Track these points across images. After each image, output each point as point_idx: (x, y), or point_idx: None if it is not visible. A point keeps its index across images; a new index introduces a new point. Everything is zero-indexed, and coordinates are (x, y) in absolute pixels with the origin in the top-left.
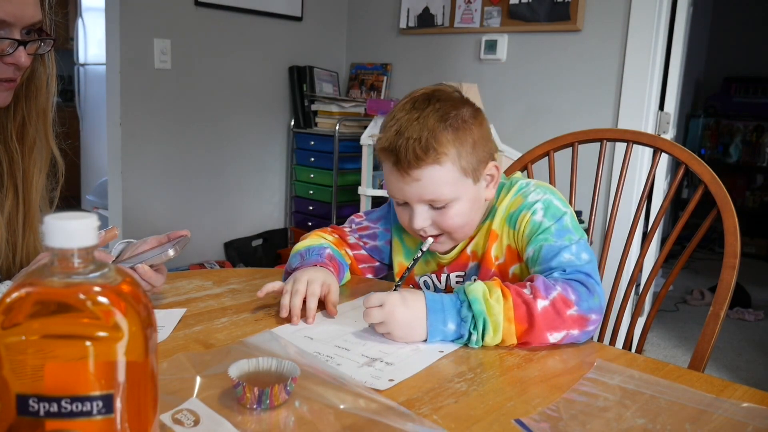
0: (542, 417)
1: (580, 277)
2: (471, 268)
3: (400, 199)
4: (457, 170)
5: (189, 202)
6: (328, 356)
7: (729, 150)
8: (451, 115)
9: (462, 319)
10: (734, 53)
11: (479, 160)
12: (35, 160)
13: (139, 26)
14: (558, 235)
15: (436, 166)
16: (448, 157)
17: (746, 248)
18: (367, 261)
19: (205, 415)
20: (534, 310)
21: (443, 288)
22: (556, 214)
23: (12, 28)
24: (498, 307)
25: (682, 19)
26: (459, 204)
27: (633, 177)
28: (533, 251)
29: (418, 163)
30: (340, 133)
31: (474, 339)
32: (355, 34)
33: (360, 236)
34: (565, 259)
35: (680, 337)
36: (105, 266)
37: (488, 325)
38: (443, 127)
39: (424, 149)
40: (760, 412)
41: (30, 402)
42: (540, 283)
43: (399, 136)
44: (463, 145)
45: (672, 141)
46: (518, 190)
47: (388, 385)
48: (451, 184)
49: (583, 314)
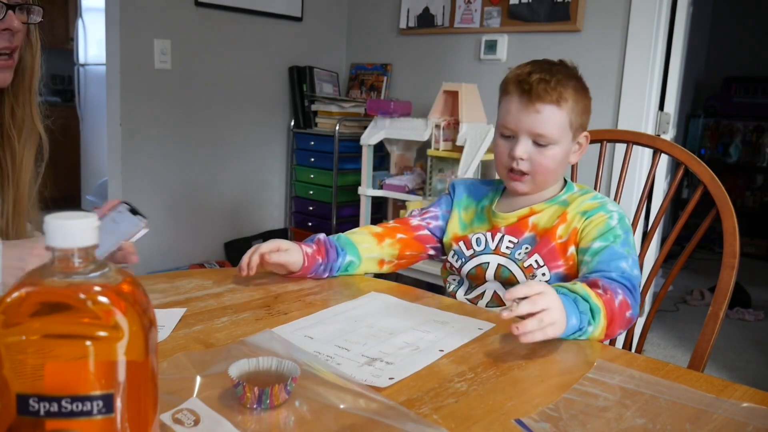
0: (542, 417)
1: (630, 286)
2: (527, 238)
3: (512, 130)
4: (567, 120)
5: (189, 202)
6: (328, 356)
7: (729, 150)
8: (575, 77)
9: (581, 312)
10: (734, 53)
11: (581, 124)
12: (24, 141)
13: (139, 26)
14: (624, 244)
15: (555, 107)
16: (567, 104)
17: (746, 248)
18: (428, 241)
19: (206, 414)
20: (613, 307)
21: (493, 248)
22: (626, 229)
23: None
24: (600, 302)
25: (682, 19)
26: (557, 148)
27: (633, 177)
28: (600, 246)
29: (543, 97)
30: (340, 133)
31: (590, 330)
32: (355, 34)
33: (423, 218)
34: (623, 266)
35: (680, 337)
36: (105, 266)
37: (601, 317)
38: (569, 82)
39: (553, 88)
40: (760, 412)
41: (30, 402)
42: (608, 284)
43: (532, 74)
44: (577, 104)
45: (672, 141)
46: (595, 197)
47: (388, 383)
48: (560, 128)
49: (632, 318)
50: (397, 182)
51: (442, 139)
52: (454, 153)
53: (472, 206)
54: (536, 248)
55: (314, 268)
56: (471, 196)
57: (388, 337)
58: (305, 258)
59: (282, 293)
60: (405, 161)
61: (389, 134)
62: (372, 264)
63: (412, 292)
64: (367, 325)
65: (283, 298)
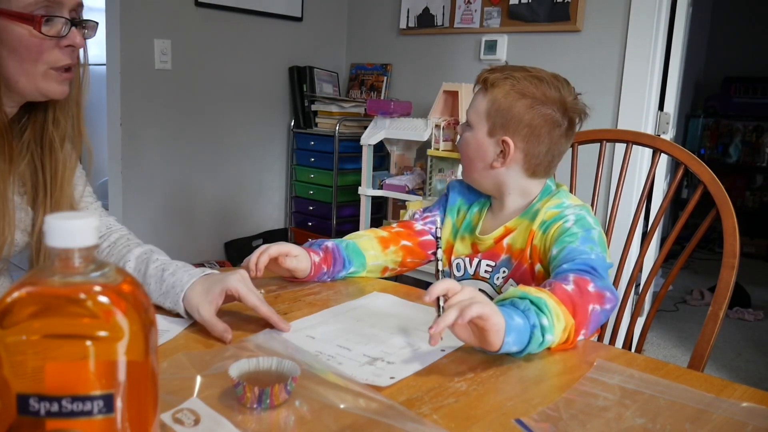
0: (542, 417)
1: (585, 267)
2: (503, 261)
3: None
4: (485, 108)
5: (189, 202)
6: (330, 356)
7: (729, 150)
8: (535, 86)
9: (523, 311)
10: (734, 53)
11: (503, 124)
12: (67, 153)
13: (139, 26)
14: (583, 241)
15: (483, 90)
16: (493, 93)
17: (746, 248)
18: (432, 246)
19: (206, 414)
20: (565, 291)
21: (472, 273)
22: (586, 226)
23: (62, 8)
24: (543, 294)
25: (682, 20)
26: (469, 133)
27: (633, 177)
28: (557, 251)
29: (480, 80)
30: (340, 133)
31: (546, 324)
32: (355, 34)
33: (425, 223)
34: (581, 259)
35: (680, 337)
36: (105, 266)
37: (550, 308)
38: (517, 83)
39: (494, 76)
40: (760, 412)
41: (30, 401)
42: (554, 278)
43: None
44: (506, 100)
45: (671, 141)
46: (557, 205)
47: (389, 382)
48: (477, 113)
49: (599, 291)
50: (397, 182)
51: (442, 139)
52: (454, 153)
53: (463, 210)
54: (511, 272)
55: (318, 276)
56: (464, 200)
57: (389, 337)
58: (312, 266)
59: (283, 293)
60: (405, 161)
61: (389, 134)
62: (375, 271)
63: (413, 292)
64: (369, 324)
65: (283, 298)
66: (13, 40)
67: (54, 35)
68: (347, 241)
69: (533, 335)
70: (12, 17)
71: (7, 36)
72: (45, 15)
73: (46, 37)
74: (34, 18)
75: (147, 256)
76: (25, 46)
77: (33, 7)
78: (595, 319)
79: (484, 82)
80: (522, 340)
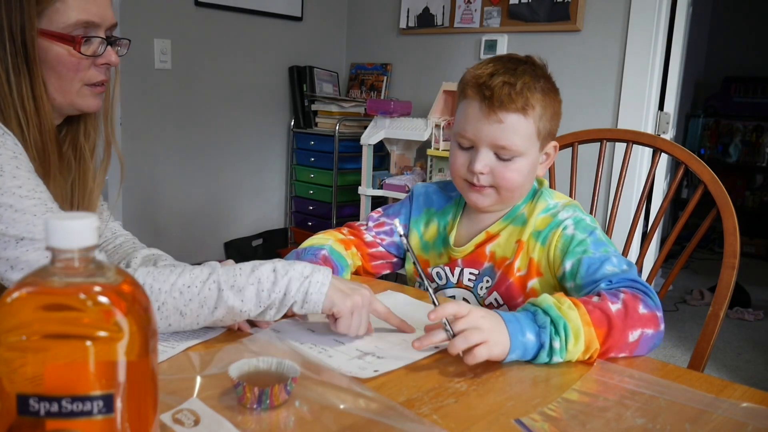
0: (542, 417)
1: (629, 283)
2: (486, 269)
3: (471, 140)
4: (534, 129)
5: (189, 202)
6: (322, 348)
7: (729, 150)
8: (543, 77)
9: (540, 327)
10: (734, 53)
11: (549, 131)
12: (98, 164)
13: (139, 26)
14: (595, 247)
15: (521, 115)
16: (534, 112)
17: (746, 248)
18: (384, 257)
19: (206, 415)
20: (608, 311)
21: (455, 282)
22: (587, 228)
23: (99, 29)
24: (573, 313)
25: (682, 19)
26: (522, 161)
27: (633, 177)
28: (572, 264)
29: (508, 105)
30: (340, 133)
31: (557, 347)
32: (355, 34)
33: (377, 233)
34: (609, 270)
35: (680, 337)
36: (105, 266)
37: (569, 330)
38: (536, 84)
39: (518, 93)
40: (760, 412)
41: (30, 402)
42: (604, 292)
43: (494, 77)
44: (546, 109)
45: (672, 141)
46: (546, 209)
47: (372, 374)
48: (526, 139)
49: (652, 311)
50: (397, 182)
51: (442, 139)
52: None
53: (433, 221)
54: (495, 285)
55: None
56: (432, 208)
57: (387, 334)
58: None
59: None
60: (405, 161)
61: (389, 134)
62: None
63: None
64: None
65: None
66: (53, 59)
67: (91, 54)
68: (325, 246)
69: (539, 355)
70: (53, 38)
71: (47, 55)
72: (84, 36)
73: (84, 57)
74: (75, 39)
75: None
76: (64, 64)
77: (73, 28)
78: (645, 344)
79: (523, 110)
80: (526, 355)
